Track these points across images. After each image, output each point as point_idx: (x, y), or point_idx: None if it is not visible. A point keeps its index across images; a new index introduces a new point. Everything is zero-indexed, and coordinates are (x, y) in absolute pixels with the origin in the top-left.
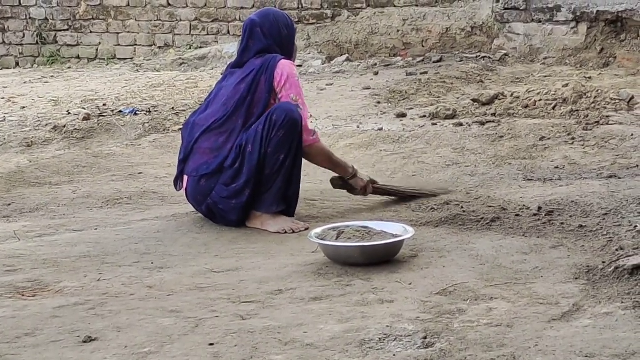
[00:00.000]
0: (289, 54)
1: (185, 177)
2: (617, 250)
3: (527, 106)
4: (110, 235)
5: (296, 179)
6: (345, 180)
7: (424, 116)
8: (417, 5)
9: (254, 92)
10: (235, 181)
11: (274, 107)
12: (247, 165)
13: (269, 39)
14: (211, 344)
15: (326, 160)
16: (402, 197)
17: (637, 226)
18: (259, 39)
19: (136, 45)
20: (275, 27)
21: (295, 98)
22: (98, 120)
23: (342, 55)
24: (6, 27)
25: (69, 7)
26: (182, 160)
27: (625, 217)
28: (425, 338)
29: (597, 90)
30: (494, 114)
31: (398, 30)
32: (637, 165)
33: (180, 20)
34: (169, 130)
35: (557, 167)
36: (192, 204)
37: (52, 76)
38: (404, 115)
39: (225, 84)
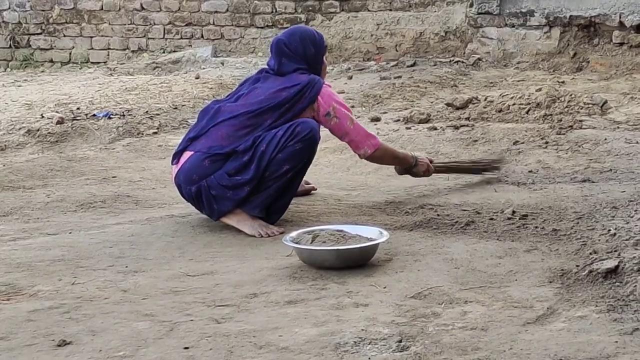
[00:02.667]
0: (317, 72)
1: (187, 154)
2: (591, 254)
3: (500, 110)
4: (84, 239)
5: (289, 194)
6: (408, 168)
7: (398, 120)
8: (390, 10)
9: (295, 103)
10: (239, 174)
11: (301, 119)
12: (256, 163)
13: (297, 59)
14: (186, 348)
15: (392, 158)
16: (463, 171)
17: (610, 230)
18: (287, 56)
19: (110, 49)
20: (300, 46)
21: (350, 114)
22: (72, 124)
23: None
24: None
25: (43, 11)
26: (192, 138)
27: (598, 221)
28: (400, 341)
29: (571, 95)
30: (467, 118)
31: (372, 35)
32: (611, 170)
33: (154, 24)
34: (142, 134)
35: (530, 171)
36: (180, 183)
37: (26, 80)
38: (378, 120)
39: (261, 85)
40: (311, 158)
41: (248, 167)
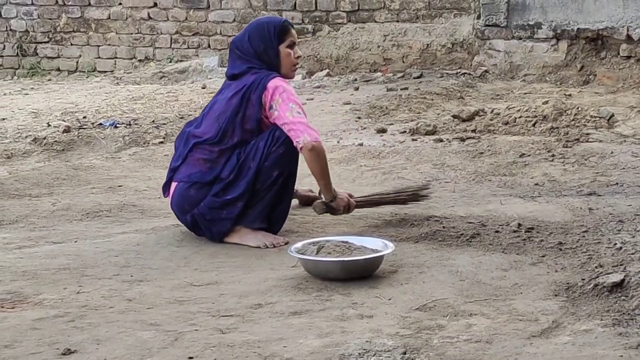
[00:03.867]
0: (276, 67)
1: (174, 184)
2: (596, 267)
3: (507, 123)
4: (89, 248)
5: (286, 200)
6: (327, 203)
7: (404, 132)
8: (397, 21)
9: (245, 108)
10: (227, 193)
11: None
12: (243, 179)
13: (248, 58)
14: (190, 358)
15: (324, 166)
16: (386, 203)
17: (616, 244)
18: (240, 58)
19: (117, 58)
20: (248, 44)
21: (293, 106)
22: (78, 133)
23: (322, 70)
24: None
25: (50, 19)
26: (174, 168)
27: (604, 235)
28: (404, 353)
29: (577, 108)
30: (474, 130)
31: (379, 46)
32: (617, 183)
33: (161, 33)
34: (149, 143)
35: (537, 184)
36: (175, 213)
37: (32, 88)
38: (384, 131)
39: (219, 97)
40: (297, 159)
41: (235, 184)
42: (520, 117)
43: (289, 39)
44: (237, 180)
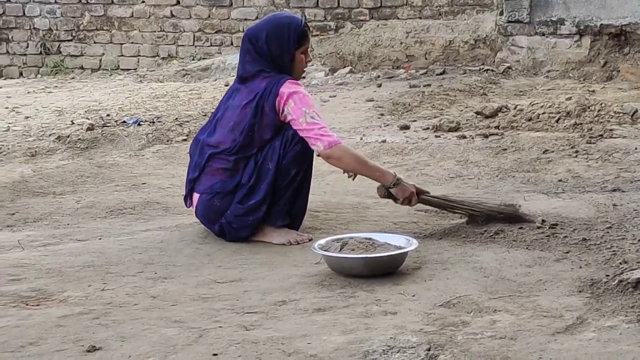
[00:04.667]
0: (288, 71)
1: (196, 196)
2: (620, 263)
3: (530, 119)
4: (113, 245)
5: (304, 194)
6: (388, 189)
7: (427, 128)
8: (420, 18)
9: (261, 119)
10: (250, 198)
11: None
12: (264, 181)
13: (260, 59)
14: (215, 354)
15: (357, 163)
16: (453, 211)
17: None
18: (251, 56)
19: (140, 56)
20: (265, 44)
21: (307, 110)
22: (102, 131)
23: (345, 67)
24: (10, 37)
25: (73, 17)
26: (193, 179)
27: (629, 231)
28: (428, 350)
29: (601, 104)
30: (497, 127)
31: (401, 43)
32: None
33: (184, 31)
34: (172, 140)
35: (560, 180)
36: (203, 223)
37: (56, 86)
38: (407, 128)
39: (231, 104)
40: (313, 154)
41: (256, 189)
42: (544, 113)
43: (306, 44)
44: (258, 183)
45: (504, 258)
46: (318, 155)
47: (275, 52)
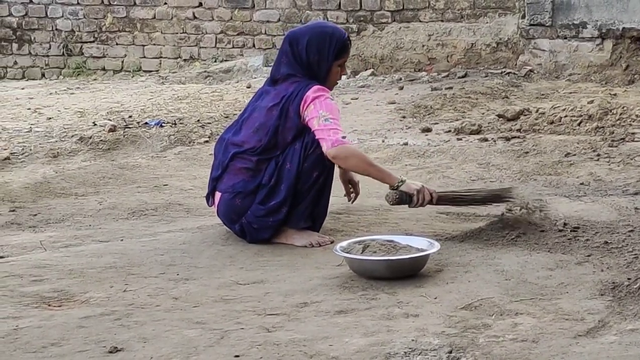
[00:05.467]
0: (322, 80)
1: (218, 195)
2: None
3: (552, 122)
4: (135, 247)
5: (326, 196)
6: (399, 191)
7: (449, 131)
8: (442, 21)
9: (285, 121)
10: (271, 199)
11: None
12: (285, 183)
13: (296, 64)
14: (237, 356)
15: (364, 164)
16: (465, 203)
17: None
18: (287, 58)
19: (162, 57)
20: (304, 50)
21: (325, 113)
22: (124, 132)
23: (367, 69)
24: (32, 38)
25: (95, 19)
26: (216, 177)
27: None
28: (450, 352)
29: (623, 107)
30: (519, 130)
31: (423, 45)
32: None
33: (206, 33)
34: (194, 142)
35: (582, 184)
36: (224, 222)
37: (78, 87)
38: (429, 130)
39: (259, 105)
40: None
41: (277, 190)
42: (566, 116)
43: (344, 57)
44: (278, 184)
45: (525, 261)
46: (327, 155)
47: (313, 59)
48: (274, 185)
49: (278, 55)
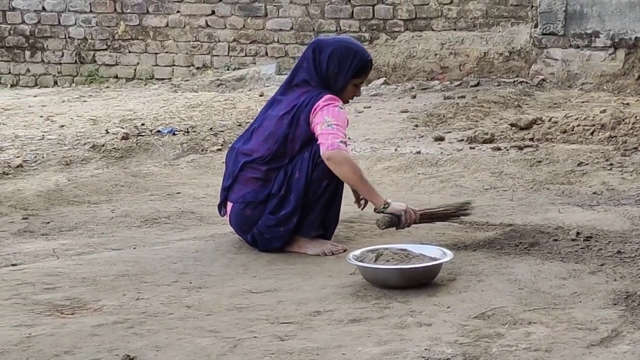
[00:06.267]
0: (336, 94)
1: (229, 204)
2: None
3: (565, 131)
4: (148, 255)
5: (337, 204)
6: (389, 214)
7: (462, 140)
8: (455, 30)
9: (295, 129)
10: (282, 208)
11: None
12: (294, 192)
13: (314, 73)
14: None
15: (355, 176)
16: (437, 219)
17: None
18: (308, 66)
19: (174, 65)
20: (325, 61)
21: (330, 119)
22: (136, 140)
23: (379, 78)
24: (45, 46)
25: (108, 27)
26: (227, 187)
27: None
28: None
29: (636, 117)
30: (531, 139)
31: (436, 54)
32: None
33: (219, 41)
34: (207, 150)
35: (595, 193)
36: (236, 232)
37: (91, 95)
38: (441, 139)
39: (270, 114)
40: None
41: (287, 199)
42: (578, 125)
43: (363, 77)
44: (288, 194)
45: (538, 270)
46: (323, 158)
47: (332, 71)
48: (284, 195)
49: (300, 60)
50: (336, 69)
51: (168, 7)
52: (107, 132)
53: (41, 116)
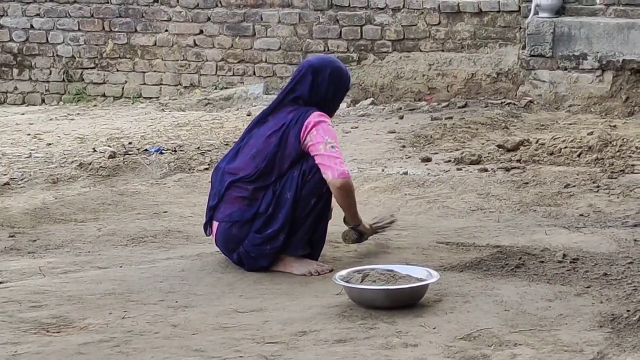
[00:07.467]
0: (328, 112)
1: (215, 224)
2: None
3: (552, 153)
4: (135, 273)
5: (324, 223)
6: (356, 230)
7: (449, 161)
8: (443, 51)
9: (284, 147)
10: (268, 227)
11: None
12: (282, 211)
13: (310, 93)
14: None
15: (349, 202)
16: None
17: None
18: (303, 86)
19: (162, 84)
20: (324, 82)
21: (329, 140)
22: (124, 159)
23: (367, 98)
24: (33, 64)
25: (96, 45)
26: (212, 207)
27: None
28: None
29: (623, 139)
30: (519, 160)
31: (423, 75)
32: None
33: (207, 60)
34: (194, 169)
35: (582, 215)
36: (222, 251)
37: (78, 114)
38: (428, 160)
39: (255, 132)
40: None
41: (274, 218)
42: (565, 147)
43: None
44: (276, 212)
45: (524, 292)
46: (329, 184)
47: (330, 91)
48: (272, 213)
49: (296, 76)
50: (334, 89)
51: (156, 26)
52: (95, 151)
53: (28, 134)
